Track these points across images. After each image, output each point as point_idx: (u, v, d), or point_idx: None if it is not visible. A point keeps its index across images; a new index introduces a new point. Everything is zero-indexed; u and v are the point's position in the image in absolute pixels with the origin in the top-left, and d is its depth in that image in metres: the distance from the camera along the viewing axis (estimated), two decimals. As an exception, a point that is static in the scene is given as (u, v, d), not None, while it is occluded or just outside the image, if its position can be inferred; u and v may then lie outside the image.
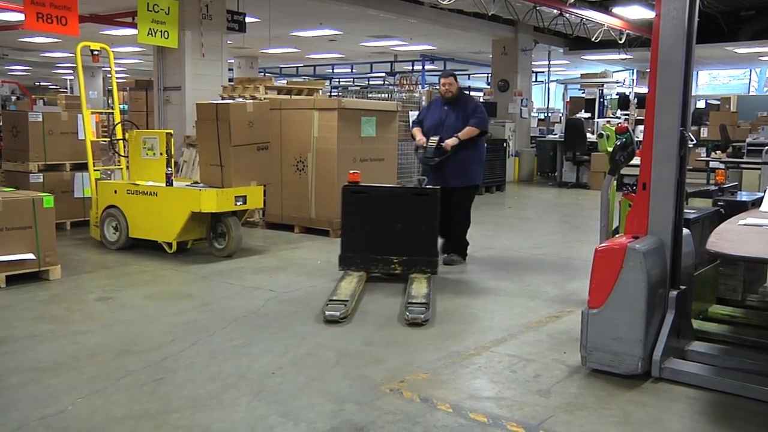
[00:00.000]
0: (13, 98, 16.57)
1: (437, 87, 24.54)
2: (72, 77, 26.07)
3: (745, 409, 3.65)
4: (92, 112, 8.40)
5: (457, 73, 27.43)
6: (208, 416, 3.48)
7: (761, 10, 15.39)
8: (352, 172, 6.48)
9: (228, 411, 3.55)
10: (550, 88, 22.61)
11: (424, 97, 11.93)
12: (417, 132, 7.13)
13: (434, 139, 6.86)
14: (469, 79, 26.23)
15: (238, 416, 3.49)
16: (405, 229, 6.21)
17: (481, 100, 20.25)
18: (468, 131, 6.88)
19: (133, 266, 6.87)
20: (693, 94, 5.04)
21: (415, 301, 5.36)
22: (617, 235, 4.70)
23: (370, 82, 25.99)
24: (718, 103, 18.76)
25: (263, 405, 3.63)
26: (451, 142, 6.80)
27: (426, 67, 22.15)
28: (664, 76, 4.12)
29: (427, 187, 6.45)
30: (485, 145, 7.38)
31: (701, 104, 19.34)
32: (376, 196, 6.38)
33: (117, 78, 8.99)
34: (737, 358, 4.23)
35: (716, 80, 27.90)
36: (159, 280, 6.47)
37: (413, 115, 10.29)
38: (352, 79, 27.48)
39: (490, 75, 19.12)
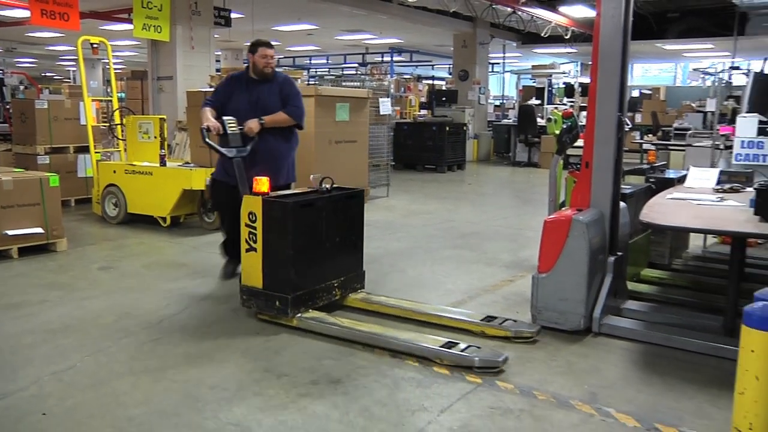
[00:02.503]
0: (22, 87, 16.14)
1: (366, 72, 24.27)
2: (74, 68, 25.41)
3: (670, 357, 3.74)
4: (93, 100, 8.25)
5: (422, 63, 27.18)
6: (201, 371, 3.47)
7: (684, 13, 15.78)
8: (258, 178, 4.12)
9: (219, 367, 3.53)
10: (504, 77, 22.63)
11: (392, 85, 11.81)
12: (208, 113, 4.92)
13: (232, 122, 4.77)
14: (433, 69, 26.09)
15: (228, 371, 3.48)
16: (341, 241, 4.43)
17: (444, 88, 20.14)
18: (277, 118, 4.90)
19: (132, 239, 6.78)
20: (629, 84, 5.06)
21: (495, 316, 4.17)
22: (563, 208, 4.73)
23: (344, 72, 25.71)
24: (650, 92, 18.92)
25: (249, 361, 3.61)
26: (255, 126, 4.79)
27: (394, 59, 21.99)
28: (604, 68, 4.14)
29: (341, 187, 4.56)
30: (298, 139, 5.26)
31: (636, 93, 19.45)
32: (319, 207, 4.25)
33: (115, 69, 8.81)
34: (664, 314, 4.31)
35: (648, 73, 28.09)
36: (155, 251, 6.40)
37: (383, 102, 10.11)
38: (327, 69, 27.14)
39: (451, 66, 19.04)
